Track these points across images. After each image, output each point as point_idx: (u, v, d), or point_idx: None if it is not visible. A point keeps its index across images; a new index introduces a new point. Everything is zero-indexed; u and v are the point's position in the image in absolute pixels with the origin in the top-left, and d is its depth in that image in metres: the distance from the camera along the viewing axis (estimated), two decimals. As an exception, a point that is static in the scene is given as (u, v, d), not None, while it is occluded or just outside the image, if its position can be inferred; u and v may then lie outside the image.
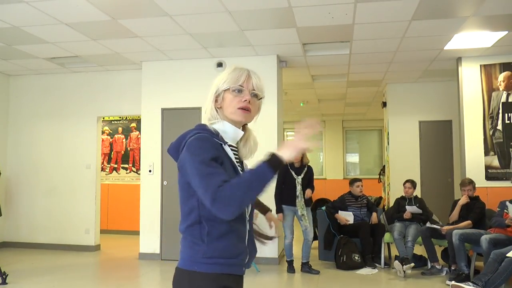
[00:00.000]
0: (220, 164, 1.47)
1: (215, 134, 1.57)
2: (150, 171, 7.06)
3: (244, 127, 1.69)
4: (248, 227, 1.62)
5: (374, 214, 6.58)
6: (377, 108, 11.16)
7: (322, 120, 14.19)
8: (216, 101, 1.64)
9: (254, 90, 1.63)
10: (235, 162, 1.58)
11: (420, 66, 7.63)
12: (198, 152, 1.46)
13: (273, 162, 1.40)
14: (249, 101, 1.61)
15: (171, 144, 1.63)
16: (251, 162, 1.73)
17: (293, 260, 6.16)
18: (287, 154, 1.43)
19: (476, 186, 6.14)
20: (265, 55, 6.78)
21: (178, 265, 1.55)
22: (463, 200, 6.00)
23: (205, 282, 1.47)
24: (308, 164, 6.25)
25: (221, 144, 1.55)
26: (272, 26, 5.55)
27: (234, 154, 1.63)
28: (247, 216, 1.63)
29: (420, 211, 6.39)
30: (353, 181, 6.85)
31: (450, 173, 8.65)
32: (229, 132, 1.62)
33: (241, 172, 1.59)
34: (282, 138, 7.61)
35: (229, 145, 1.61)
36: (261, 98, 1.66)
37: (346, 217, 6.55)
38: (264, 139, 6.58)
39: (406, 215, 6.35)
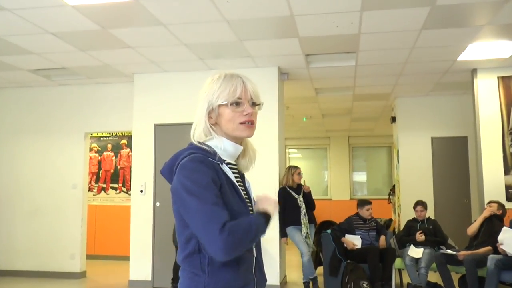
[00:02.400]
0: (218, 187, 1.45)
1: (212, 153, 1.53)
2: (141, 191, 7.02)
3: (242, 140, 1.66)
4: (255, 254, 1.58)
5: (382, 238, 6.53)
6: (385, 124, 11.16)
7: (327, 136, 14.20)
8: (209, 117, 1.59)
9: (252, 99, 1.60)
10: (235, 182, 1.55)
11: (431, 79, 7.66)
12: (193, 179, 1.43)
13: (265, 216, 1.50)
14: (251, 114, 1.58)
15: (165, 165, 1.61)
16: (252, 172, 1.72)
17: (316, 277, 6.26)
18: (269, 207, 1.54)
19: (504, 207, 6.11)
20: (265, 67, 6.80)
21: None
22: (487, 212, 5.96)
23: None
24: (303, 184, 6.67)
25: (219, 164, 1.52)
26: (273, 36, 5.58)
27: (234, 172, 1.60)
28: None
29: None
30: (362, 203, 6.77)
31: (466, 194, 8.62)
32: (228, 149, 1.59)
33: (241, 190, 1.56)
34: (283, 155, 7.60)
35: (228, 163, 1.58)
36: (259, 105, 1.62)
37: (354, 241, 6.50)
38: (265, 157, 6.57)
39: (418, 238, 6.29)
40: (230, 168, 1.58)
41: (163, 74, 7.13)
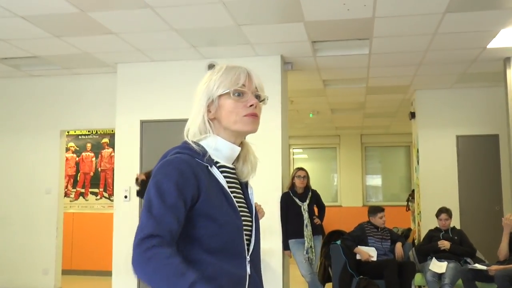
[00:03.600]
0: (191, 199, 1.45)
1: (200, 155, 1.54)
2: (125, 196, 7.03)
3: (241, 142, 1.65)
4: (249, 271, 1.54)
5: (399, 245, 6.52)
6: (403, 120, 11.17)
7: (337, 134, 14.21)
8: (208, 111, 1.60)
9: (257, 91, 1.62)
10: (226, 187, 1.53)
11: (457, 69, 7.67)
12: (159, 182, 1.46)
13: None
14: (256, 105, 1.59)
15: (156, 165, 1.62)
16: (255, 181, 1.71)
17: None
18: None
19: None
20: (266, 55, 6.80)
21: None
22: (507, 228, 5.96)
23: None
24: (312, 188, 6.59)
25: (207, 166, 1.52)
26: (275, 20, 5.58)
27: (230, 176, 1.59)
28: (248, 256, 1.56)
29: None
30: (374, 210, 6.81)
31: (498, 200, 8.61)
32: (222, 149, 1.58)
33: (234, 197, 1.55)
34: (287, 156, 7.60)
35: (222, 166, 1.57)
36: (263, 100, 1.65)
37: (369, 252, 6.51)
38: (266, 158, 6.56)
39: (442, 244, 6.29)
40: (223, 171, 1.57)
41: (150, 64, 7.13)
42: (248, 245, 1.57)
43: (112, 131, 8.83)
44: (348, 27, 5.78)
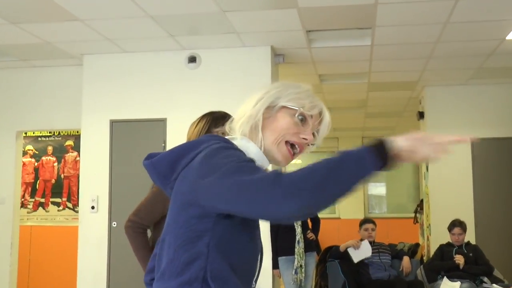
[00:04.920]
0: None
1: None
2: (93, 207, 7.01)
3: None
4: None
5: (406, 259, 6.67)
6: (410, 121, 11.23)
7: (334, 136, 14.25)
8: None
9: (317, 134, 1.66)
10: None
11: (471, 63, 7.73)
12: (227, 155, 1.42)
13: (377, 148, 1.35)
14: (308, 143, 1.62)
15: (160, 156, 1.62)
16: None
17: None
18: (402, 143, 1.38)
19: None
20: (254, 46, 6.83)
21: None
22: None
23: None
24: None
25: None
26: (265, 6, 5.60)
27: None
28: (254, 282, 1.61)
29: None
30: (361, 222, 7.17)
31: (519, 211, 8.67)
32: (257, 159, 1.55)
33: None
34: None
35: None
36: (313, 144, 1.67)
37: (364, 249, 6.64)
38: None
39: (457, 260, 6.35)
40: None
41: (121, 56, 7.12)
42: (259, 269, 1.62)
43: (78, 132, 8.80)
44: (347, 14, 5.81)
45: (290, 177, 1.28)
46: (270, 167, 1.56)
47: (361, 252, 6.68)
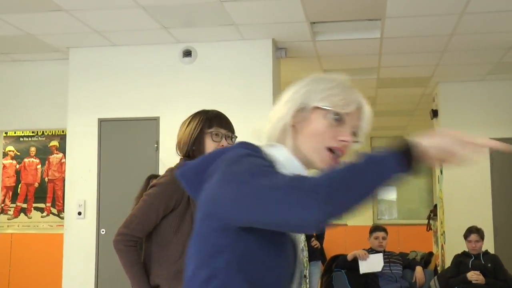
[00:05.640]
0: None
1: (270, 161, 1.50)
2: (79, 213, 7.00)
3: None
4: None
5: (419, 269, 6.67)
6: (423, 119, 11.23)
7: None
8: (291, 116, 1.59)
9: (357, 132, 1.63)
10: None
11: (489, 57, 7.72)
12: (248, 162, 1.40)
13: (403, 151, 1.33)
14: (348, 145, 1.59)
15: (188, 166, 1.61)
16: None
17: None
18: (428, 142, 1.35)
19: None
20: (254, 39, 6.82)
21: None
22: None
23: None
24: None
25: None
26: (266, -4, 5.61)
27: None
28: None
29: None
30: (371, 230, 7.21)
31: (542, 217, 8.65)
32: (289, 167, 1.52)
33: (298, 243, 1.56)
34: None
35: None
36: (357, 142, 1.64)
37: (374, 261, 6.63)
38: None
39: (473, 277, 6.35)
40: None
41: (111, 49, 7.12)
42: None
43: (63, 132, 8.80)
44: (355, 4, 5.81)
45: (314, 182, 1.27)
46: (306, 173, 1.55)
47: (370, 264, 6.66)
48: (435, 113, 9.46)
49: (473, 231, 6.70)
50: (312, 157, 1.56)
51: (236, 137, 3.03)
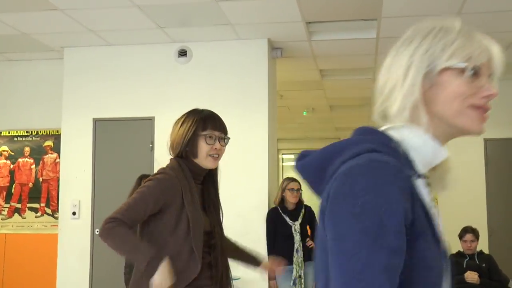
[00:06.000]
0: (408, 235, 1.16)
1: (403, 158, 1.26)
2: (74, 213, 7.00)
3: None
4: None
5: None
6: (419, 119, 11.24)
7: (337, 137, 14.24)
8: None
9: (494, 74, 1.39)
10: (431, 213, 1.31)
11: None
12: (368, 207, 1.12)
13: None
14: (494, 96, 1.35)
15: (307, 158, 1.38)
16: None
17: None
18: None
19: None
20: (250, 39, 6.82)
21: None
22: None
23: None
24: (305, 204, 6.57)
25: (409, 177, 1.23)
26: (262, -4, 5.60)
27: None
28: None
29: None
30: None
31: (537, 217, 8.66)
32: (425, 151, 1.32)
33: (439, 229, 1.32)
34: (275, 164, 7.60)
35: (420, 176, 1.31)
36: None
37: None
38: (249, 166, 6.55)
39: (469, 277, 6.35)
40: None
41: (106, 49, 7.11)
42: None
43: (58, 132, 8.77)
44: (351, 4, 5.81)
45: None
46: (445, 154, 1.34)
47: None
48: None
49: (468, 231, 6.71)
50: (460, 123, 1.31)
51: (229, 138, 3.02)
